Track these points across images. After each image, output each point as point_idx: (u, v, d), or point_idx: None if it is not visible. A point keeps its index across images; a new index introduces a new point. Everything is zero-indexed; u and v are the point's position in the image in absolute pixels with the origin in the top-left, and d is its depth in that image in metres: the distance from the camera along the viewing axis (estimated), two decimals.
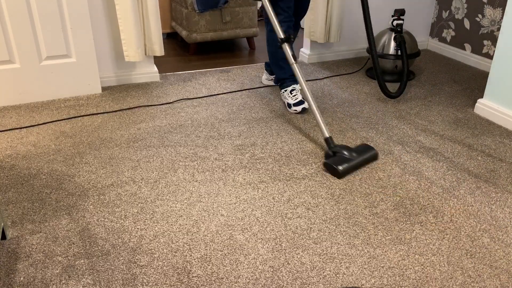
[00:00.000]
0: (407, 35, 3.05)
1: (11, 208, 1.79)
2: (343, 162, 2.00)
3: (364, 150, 2.11)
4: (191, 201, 1.84)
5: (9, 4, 2.45)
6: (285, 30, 2.52)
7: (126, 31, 2.77)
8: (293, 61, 2.27)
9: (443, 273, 1.49)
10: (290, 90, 2.64)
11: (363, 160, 2.07)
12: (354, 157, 2.04)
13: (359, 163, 2.05)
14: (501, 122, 2.50)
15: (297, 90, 2.64)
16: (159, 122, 2.50)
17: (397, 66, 3.05)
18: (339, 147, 2.08)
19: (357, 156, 2.05)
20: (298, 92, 2.63)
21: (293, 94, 2.62)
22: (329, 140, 2.12)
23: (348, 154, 2.04)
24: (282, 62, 2.62)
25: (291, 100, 2.60)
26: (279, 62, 2.63)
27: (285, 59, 2.62)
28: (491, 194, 1.90)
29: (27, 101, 2.71)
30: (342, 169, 1.97)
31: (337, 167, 1.98)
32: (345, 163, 2.00)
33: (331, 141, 2.12)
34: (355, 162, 2.03)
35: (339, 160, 2.02)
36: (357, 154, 2.06)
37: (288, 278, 1.46)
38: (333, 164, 1.99)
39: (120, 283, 1.43)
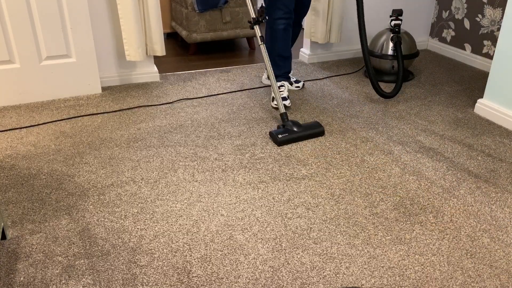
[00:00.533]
0: (406, 35, 3.04)
1: (11, 208, 1.79)
2: (285, 133, 2.26)
3: (311, 126, 2.33)
4: (191, 201, 1.84)
5: (9, 4, 2.45)
6: (284, 28, 2.56)
7: (128, 31, 2.77)
8: (260, 42, 2.37)
9: (443, 273, 1.49)
10: (280, 85, 2.68)
11: (306, 134, 2.30)
12: (298, 130, 2.28)
13: (301, 136, 2.28)
14: (501, 122, 2.50)
15: (285, 87, 2.69)
16: (159, 122, 2.50)
17: (393, 67, 3.05)
18: (290, 122, 2.31)
19: (301, 130, 2.29)
20: (285, 89, 2.68)
21: (280, 90, 2.65)
22: (284, 115, 2.34)
23: (294, 128, 2.28)
24: (277, 59, 2.65)
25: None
26: (274, 58, 2.65)
27: (281, 56, 2.67)
28: (491, 194, 1.90)
29: (27, 101, 2.71)
30: (281, 138, 2.23)
31: (277, 136, 2.24)
32: (286, 133, 2.26)
33: (285, 116, 2.34)
34: (296, 135, 2.27)
35: (282, 131, 2.27)
36: (302, 128, 2.30)
37: (288, 278, 1.46)
38: (275, 133, 2.26)
39: (120, 283, 1.43)
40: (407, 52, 3.01)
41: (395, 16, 2.95)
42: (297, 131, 2.28)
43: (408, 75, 3.16)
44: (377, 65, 3.10)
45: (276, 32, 2.57)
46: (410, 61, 3.09)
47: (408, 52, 3.02)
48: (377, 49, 3.06)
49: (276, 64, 2.67)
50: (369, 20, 3.51)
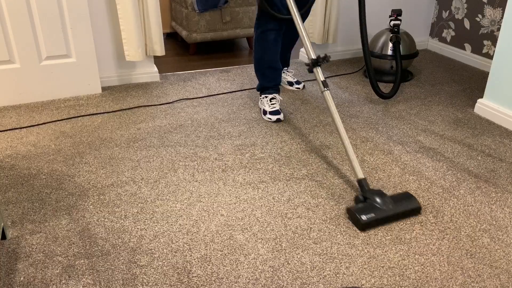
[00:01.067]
0: (406, 35, 3.04)
1: (11, 208, 1.79)
2: (370, 211, 1.67)
3: (403, 200, 1.76)
4: (191, 201, 1.84)
5: (9, 4, 2.45)
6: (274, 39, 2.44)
7: (127, 31, 2.77)
8: (323, 89, 1.96)
9: (443, 273, 1.49)
10: (271, 98, 2.55)
11: (397, 214, 1.71)
12: (387, 207, 1.70)
13: (391, 217, 1.70)
14: (501, 122, 2.51)
15: (277, 99, 2.56)
16: (159, 122, 2.50)
17: (392, 67, 3.04)
18: (372, 193, 1.74)
19: (391, 208, 1.70)
20: (277, 102, 2.55)
21: (272, 103, 2.53)
22: (363, 182, 1.78)
23: (380, 203, 1.70)
24: (267, 70, 2.53)
25: (268, 108, 2.52)
26: (264, 70, 2.54)
27: (271, 68, 2.53)
28: (491, 194, 1.90)
29: (27, 101, 2.71)
30: (365, 220, 1.64)
31: (360, 217, 1.64)
32: (371, 213, 1.66)
33: (365, 184, 1.78)
34: (385, 215, 1.69)
35: (366, 208, 1.69)
36: (392, 204, 1.71)
37: (288, 278, 1.46)
38: (356, 212, 1.67)
39: (120, 283, 1.43)
40: (407, 52, 3.01)
41: (394, 16, 2.95)
42: (386, 208, 1.70)
43: (408, 75, 3.16)
44: (377, 65, 3.10)
45: (266, 43, 2.46)
46: (409, 61, 3.09)
47: (407, 52, 3.01)
48: (376, 49, 3.06)
49: (266, 76, 2.55)
50: (369, 20, 3.51)
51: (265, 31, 2.44)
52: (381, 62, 3.05)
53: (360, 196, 1.77)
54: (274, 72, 2.56)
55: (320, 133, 2.39)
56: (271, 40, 2.45)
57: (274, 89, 2.59)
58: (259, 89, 2.64)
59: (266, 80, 2.57)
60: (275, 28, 2.42)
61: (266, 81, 2.57)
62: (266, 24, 2.42)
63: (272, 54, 2.49)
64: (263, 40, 2.47)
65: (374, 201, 1.71)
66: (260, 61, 2.53)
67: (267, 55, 2.49)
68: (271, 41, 2.46)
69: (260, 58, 2.52)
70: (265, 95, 2.58)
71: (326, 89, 1.96)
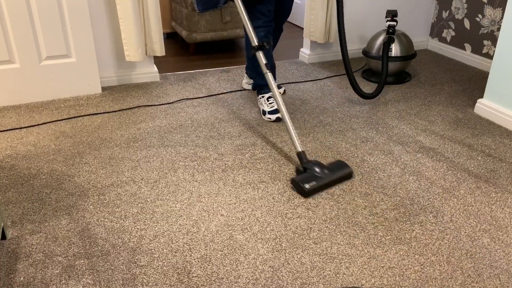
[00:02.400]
0: (403, 36, 3.03)
1: (11, 208, 1.79)
2: (311, 180, 1.86)
3: (338, 167, 1.95)
4: (191, 201, 1.84)
5: (9, 4, 2.45)
6: (264, 35, 2.43)
7: (127, 31, 2.77)
8: (266, 70, 2.17)
9: (443, 273, 1.49)
10: (268, 97, 2.56)
11: (334, 179, 1.92)
12: (324, 175, 1.89)
13: (329, 182, 1.90)
14: (501, 122, 2.50)
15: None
16: (159, 122, 2.50)
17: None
18: (311, 163, 1.93)
19: (328, 174, 1.90)
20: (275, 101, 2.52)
21: (270, 102, 2.54)
22: (301, 155, 1.98)
23: (319, 172, 1.89)
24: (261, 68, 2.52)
25: (267, 108, 2.52)
26: (258, 68, 2.47)
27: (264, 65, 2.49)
28: (491, 194, 1.90)
29: (27, 101, 2.71)
30: (308, 188, 1.83)
31: (303, 185, 1.83)
32: (313, 181, 1.85)
33: (303, 156, 1.97)
34: (324, 181, 1.88)
35: (307, 177, 1.87)
36: (329, 171, 1.90)
37: (288, 278, 1.46)
38: (300, 182, 1.84)
39: (120, 283, 1.43)
40: (405, 53, 2.99)
41: (390, 17, 2.94)
42: (324, 176, 1.89)
43: (405, 77, 3.14)
44: (375, 67, 3.09)
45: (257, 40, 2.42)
46: (407, 63, 3.06)
47: (405, 54, 3.00)
48: (374, 51, 3.04)
49: (260, 73, 2.51)
50: (369, 21, 3.51)
51: (255, 28, 2.37)
52: (378, 64, 3.04)
53: (300, 168, 1.95)
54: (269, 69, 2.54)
55: (320, 133, 2.39)
56: (261, 37, 2.43)
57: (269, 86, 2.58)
58: (254, 88, 2.64)
59: (261, 78, 2.53)
60: (263, 25, 2.41)
61: (260, 78, 2.55)
62: (254, 22, 2.39)
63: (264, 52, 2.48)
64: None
65: (313, 171, 1.90)
66: (253, 60, 2.49)
67: None
68: (261, 38, 2.42)
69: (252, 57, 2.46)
70: (262, 95, 2.57)
71: (268, 71, 2.17)
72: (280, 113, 2.45)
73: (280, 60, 3.54)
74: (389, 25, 2.95)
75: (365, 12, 3.47)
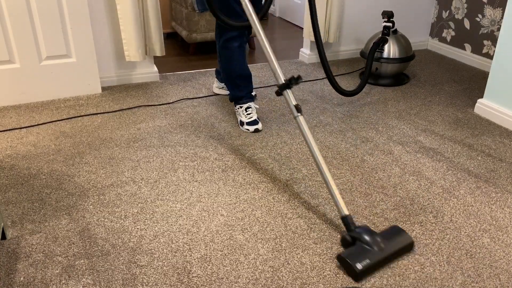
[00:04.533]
0: (402, 38, 3.00)
1: (11, 208, 1.79)
2: (364, 256, 1.47)
3: (394, 237, 1.57)
4: (191, 201, 1.84)
5: (9, 4, 2.45)
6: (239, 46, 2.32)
7: (127, 31, 2.77)
8: (297, 114, 1.73)
9: (443, 273, 1.48)
10: (246, 107, 2.44)
11: (392, 254, 1.52)
12: (379, 248, 1.50)
13: (386, 258, 1.51)
14: (501, 122, 2.51)
15: (252, 108, 2.44)
16: (159, 122, 2.50)
17: (377, 69, 3.01)
18: (360, 231, 1.54)
19: (384, 248, 1.51)
20: (253, 111, 2.43)
21: (248, 113, 2.42)
22: (348, 220, 1.59)
23: (371, 244, 1.50)
24: (238, 80, 2.42)
25: (245, 119, 2.41)
26: (235, 80, 2.42)
27: (241, 76, 2.41)
28: (491, 194, 1.90)
29: (27, 101, 2.71)
30: (361, 269, 1.44)
31: (355, 265, 1.44)
32: (366, 258, 1.46)
33: (350, 222, 1.58)
34: (380, 258, 1.48)
35: (358, 252, 1.49)
36: (384, 244, 1.51)
37: (288, 278, 1.46)
38: (350, 259, 1.45)
39: (120, 283, 1.43)
40: (403, 55, 2.96)
41: (386, 18, 2.93)
42: (379, 249, 1.49)
43: (404, 79, 3.12)
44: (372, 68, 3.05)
45: (231, 52, 2.34)
46: (405, 64, 3.02)
47: (404, 55, 2.97)
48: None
49: (238, 85, 2.43)
50: (369, 21, 3.51)
51: (228, 40, 2.31)
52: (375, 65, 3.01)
53: (347, 237, 1.55)
54: (245, 80, 2.44)
55: (320, 133, 2.39)
56: (235, 48, 2.33)
57: (247, 97, 2.47)
58: (232, 100, 2.52)
59: (238, 89, 2.45)
60: (237, 35, 2.31)
61: (237, 90, 2.45)
62: (228, 33, 2.30)
63: (240, 62, 2.38)
64: (227, 49, 2.34)
65: (364, 243, 1.51)
66: (228, 71, 2.42)
67: (234, 64, 2.38)
68: (236, 48, 2.33)
69: (227, 68, 2.41)
70: (240, 106, 2.46)
71: (299, 114, 1.73)
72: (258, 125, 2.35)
73: (280, 60, 3.54)
74: (385, 26, 2.94)
75: (365, 12, 3.47)
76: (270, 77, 3.16)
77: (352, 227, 1.57)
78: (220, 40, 2.35)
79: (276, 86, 2.03)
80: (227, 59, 2.39)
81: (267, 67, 3.37)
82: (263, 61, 3.54)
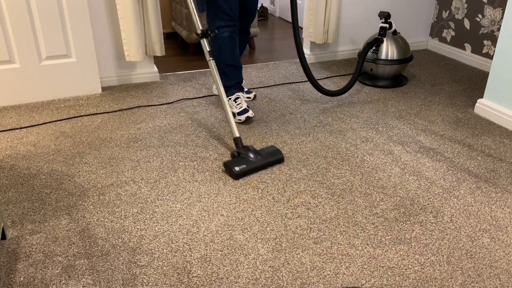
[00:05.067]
0: (400, 39, 2.98)
1: (11, 208, 1.79)
2: (242, 163, 1.99)
3: (270, 153, 2.09)
4: (191, 201, 1.84)
5: (9, 4, 2.45)
6: (229, 36, 2.38)
7: (127, 31, 2.77)
8: (209, 58, 2.18)
9: (443, 273, 1.49)
10: (235, 98, 2.49)
11: (264, 164, 2.05)
12: (256, 159, 2.03)
13: (259, 166, 2.04)
14: (501, 122, 2.51)
15: (241, 98, 2.50)
16: (159, 122, 2.50)
17: (371, 69, 3.01)
18: (245, 148, 2.06)
19: (260, 159, 2.04)
20: (242, 101, 2.49)
21: (238, 103, 2.47)
22: (237, 140, 2.10)
23: (251, 157, 2.03)
24: (227, 69, 2.47)
25: (236, 109, 2.46)
26: (224, 69, 2.45)
27: (230, 66, 2.47)
28: (491, 194, 1.90)
29: (27, 101, 2.71)
30: (238, 170, 1.96)
31: (233, 168, 1.96)
32: (243, 164, 1.99)
33: (239, 141, 2.10)
34: (254, 165, 2.02)
35: (239, 161, 2.00)
36: (261, 157, 2.05)
37: (288, 278, 1.46)
38: (231, 165, 1.98)
39: (120, 283, 1.43)
40: (401, 56, 2.94)
41: (383, 19, 2.92)
42: (255, 160, 2.03)
43: (402, 80, 3.09)
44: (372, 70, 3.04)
45: (221, 40, 2.38)
46: (403, 66, 3.00)
47: (402, 57, 2.94)
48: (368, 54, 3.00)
49: (226, 75, 2.47)
50: (367, 22, 3.51)
51: (217, 28, 2.35)
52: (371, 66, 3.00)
53: (235, 152, 2.07)
54: (235, 70, 2.49)
55: (320, 133, 2.39)
56: (225, 37, 2.37)
57: (236, 87, 2.52)
58: None
59: (226, 78, 2.48)
60: (228, 25, 2.35)
61: (226, 79, 2.47)
62: (217, 22, 2.35)
63: (229, 52, 2.42)
64: (217, 38, 2.38)
65: (246, 155, 2.03)
66: (218, 60, 2.40)
67: (224, 54, 2.42)
68: (225, 38, 2.37)
69: (217, 57, 2.40)
70: (228, 97, 2.48)
71: (211, 58, 2.18)
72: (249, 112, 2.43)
73: (280, 60, 3.54)
74: (381, 27, 2.93)
75: (363, 13, 3.47)
76: (270, 77, 3.16)
77: (240, 145, 2.08)
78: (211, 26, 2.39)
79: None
80: (217, 49, 2.41)
81: (267, 67, 3.37)
82: (263, 61, 3.54)
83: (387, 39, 2.95)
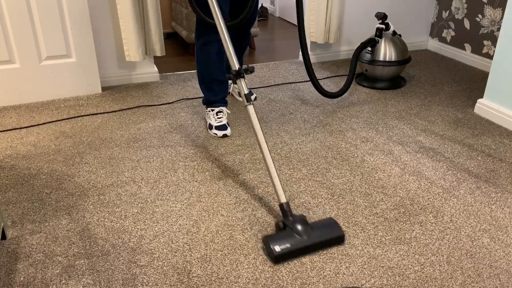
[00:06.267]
0: (398, 40, 2.96)
1: (11, 208, 1.79)
2: (286, 241, 1.51)
3: (325, 229, 1.59)
4: (191, 201, 1.84)
5: (9, 4, 2.45)
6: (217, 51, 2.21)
7: (127, 31, 2.77)
8: (246, 103, 1.77)
9: (443, 273, 1.49)
10: (217, 111, 2.37)
11: (317, 244, 1.55)
12: (306, 238, 1.53)
13: (310, 247, 1.54)
14: (501, 122, 2.51)
15: (224, 113, 2.37)
16: (159, 122, 2.50)
17: (366, 70, 2.99)
18: (293, 219, 1.57)
19: (311, 238, 1.53)
20: (224, 116, 2.36)
21: (219, 117, 2.35)
22: (285, 207, 1.61)
23: (300, 232, 1.53)
24: (213, 84, 2.34)
25: (214, 122, 2.34)
26: (209, 84, 2.34)
27: (217, 81, 2.33)
28: (491, 194, 1.90)
29: (27, 101, 2.71)
30: (278, 252, 1.48)
31: (273, 248, 1.49)
32: (287, 243, 1.50)
33: (287, 209, 1.60)
34: (302, 245, 1.52)
35: (282, 238, 1.53)
36: (313, 234, 1.55)
37: (288, 278, 1.46)
38: (271, 242, 1.51)
39: (120, 283, 1.43)
40: (399, 57, 2.92)
41: (380, 20, 2.91)
42: (306, 238, 1.52)
43: (400, 81, 3.07)
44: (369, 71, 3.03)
45: (208, 55, 2.24)
46: (401, 67, 2.97)
47: (401, 58, 2.92)
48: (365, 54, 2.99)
49: (212, 90, 2.35)
50: (368, 22, 3.51)
51: (206, 43, 2.22)
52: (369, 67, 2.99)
53: (280, 223, 1.59)
54: (220, 85, 2.36)
55: (320, 133, 2.39)
56: (213, 52, 2.23)
57: (221, 102, 2.40)
58: (205, 103, 2.43)
59: (212, 93, 2.37)
60: (217, 39, 2.05)
61: (212, 94, 2.37)
62: (207, 35, 2.19)
63: (216, 67, 2.28)
64: (205, 52, 2.25)
65: (293, 229, 1.54)
66: (204, 75, 2.33)
67: (211, 69, 2.29)
68: (213, 53, 2.23)
69: (204, 71, 2.32)
70: (211, 109, 2.39)
71: (249, 103, 1.76)
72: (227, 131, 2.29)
73: (280, 60, 3.54)
74: (377, 28, 2.92)
75: (365, 12, 3.47)
76: (270, 77, 3.16)
77: (287, 214, 1.59)
78: (198, 42, 2.26)
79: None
80: (203, 63, 2.30)
81: (267, 67, 3.37)
82: (263, 61, 3.54)
83: (385, 40, 2.93)
